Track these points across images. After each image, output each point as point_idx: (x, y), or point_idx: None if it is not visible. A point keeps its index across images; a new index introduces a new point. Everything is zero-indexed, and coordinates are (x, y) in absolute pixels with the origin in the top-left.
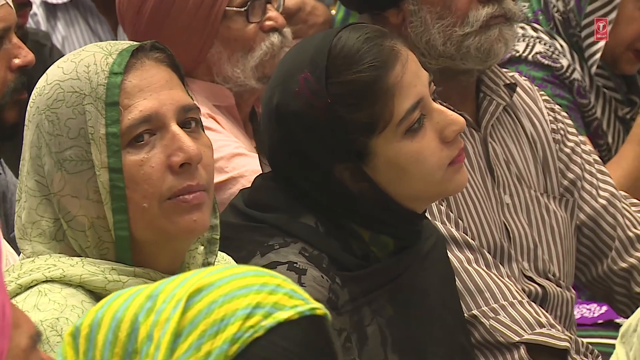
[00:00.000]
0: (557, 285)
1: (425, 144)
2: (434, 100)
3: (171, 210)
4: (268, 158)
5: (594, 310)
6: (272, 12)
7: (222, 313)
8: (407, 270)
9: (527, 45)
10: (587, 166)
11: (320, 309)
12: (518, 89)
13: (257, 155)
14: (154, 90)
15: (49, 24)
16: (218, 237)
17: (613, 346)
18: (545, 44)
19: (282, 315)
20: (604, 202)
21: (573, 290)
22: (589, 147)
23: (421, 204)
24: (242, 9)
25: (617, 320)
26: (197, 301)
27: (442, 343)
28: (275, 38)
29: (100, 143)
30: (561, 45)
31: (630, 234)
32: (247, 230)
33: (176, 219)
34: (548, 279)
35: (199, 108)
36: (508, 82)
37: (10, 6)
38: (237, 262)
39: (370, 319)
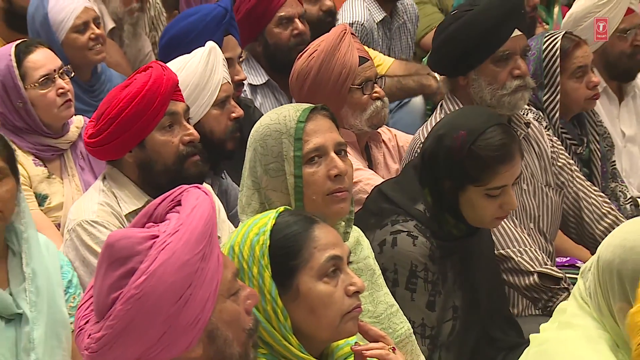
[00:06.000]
0: (546, 241)
1: (490, 204)
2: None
3: (329, 201)
4: (419, 156)
5: (563, 260)
6: (377, 88)
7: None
8: (470, 244)
9: (523, 112)
10: (575, 173)
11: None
12: (531, 125)
13: (369, 170)
14: (322, 132)
15: (252, 95)
16: (353, 218)
17: (575, 280)
18: (532, 112)
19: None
20: (581, 193)
21: (553, 244)
22: (574, 166)
23: (473, 224)
24: (360, 87)
25: (577, 264)
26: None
27: (486, 285)
28: (379, 103)
29: (290, 161)
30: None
31: (598, 211)
32: (382, 209)
33: (332, 206)
34: (544, 236)
35: (346, 144)
36: (524, 121)
37: (230, 83)
38: (374, 227)
39: (450, 268)
